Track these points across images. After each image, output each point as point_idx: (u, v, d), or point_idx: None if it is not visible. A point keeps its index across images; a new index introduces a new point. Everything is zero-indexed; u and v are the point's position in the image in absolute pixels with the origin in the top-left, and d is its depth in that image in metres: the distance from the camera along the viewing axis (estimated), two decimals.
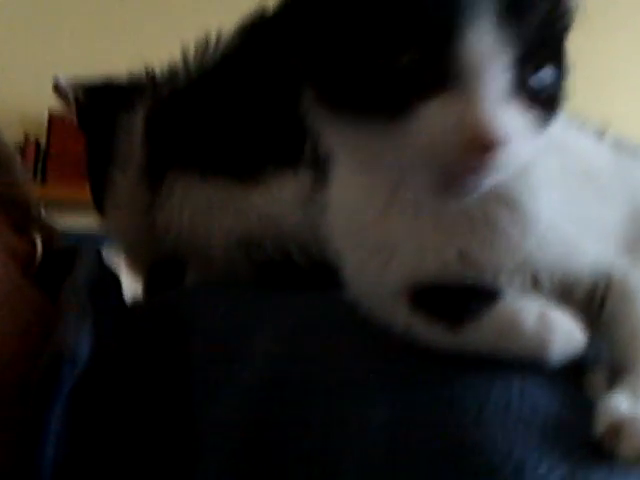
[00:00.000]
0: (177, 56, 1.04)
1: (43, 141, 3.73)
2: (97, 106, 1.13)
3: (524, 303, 0.64)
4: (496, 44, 0.57)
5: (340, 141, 0.66)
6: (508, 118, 0.58)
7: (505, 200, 0.65)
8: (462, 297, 0.66)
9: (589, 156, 0.75)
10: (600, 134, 0.80)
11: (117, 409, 0.80)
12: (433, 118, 0.57)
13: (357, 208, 0.70)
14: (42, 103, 3.44)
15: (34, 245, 0.91)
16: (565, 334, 0.63)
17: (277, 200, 0.90)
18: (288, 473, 0.67)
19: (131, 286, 1.07)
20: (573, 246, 0.68)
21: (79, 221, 3.22)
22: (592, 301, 0.68)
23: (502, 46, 0.57)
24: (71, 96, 1.14)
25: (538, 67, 0.60)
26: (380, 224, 0.68)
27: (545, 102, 0.61)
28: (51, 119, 3.69)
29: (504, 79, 0.58)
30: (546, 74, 0.61)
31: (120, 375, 0.81)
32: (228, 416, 0.72)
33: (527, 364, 0.64)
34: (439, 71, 0.57)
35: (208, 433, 0.74)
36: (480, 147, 0.57)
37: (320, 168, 0.86)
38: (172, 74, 1.04)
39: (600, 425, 0.59)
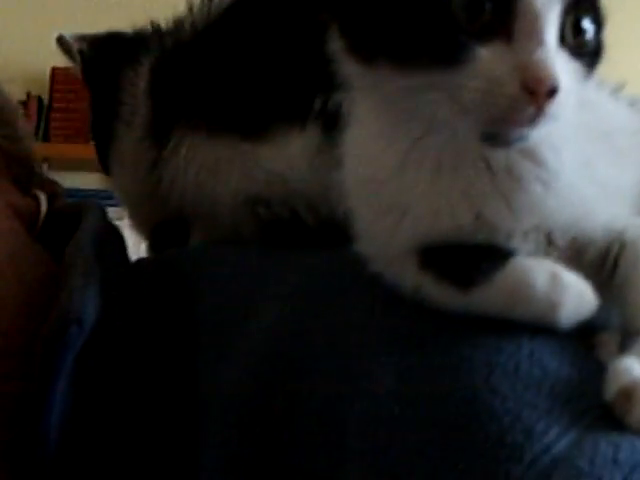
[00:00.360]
0: (180, 10, 1.03)
1: (45, 98, 3.71)
2: (102, 59, 1.12)
3: (535, 264, 0.64)
4: None
5: (370, 93, 0.66)
6: (561, 65, 0.58)
7: (529, 154, 0.64)
8: (473, 257, 0.65)
9: (607, 115, 0.74)
10: (616, 93, 0.78)
11: (123, 373, 0.79)
12: (491, 62, 0.57)
13: (373, 164, 0.69)
14: (44, 59, 3.42)
15: (38, 203, 0.90)
16: (576, 296, 0.63)
17: (284, 156, 0.89)
18: (294, 436, 0.67)
19: (135, 245, 1.06)
20: (589, 207, 0.67)
21: (82, 179, 3.23)
22: (605, 263, 0.67)
23: None
24: (75, 49, 1.13)
25: (578, 18, 0.61)
26: (395, 181, 0.67)
27: (585, 54, 0.62)
28: (54, 75, 3.67)
29: (557, 27, 0.59)
30: (586, 26, 0.61)
31: (126, 339, 0.81)
32: (234, 377, 0.72)
33: (537, 326, 0.63)
34: (497, 14, 0.58)
35: (215, 394, 0.74)
36: (539, 90, 0.57)
37: (330, 123, 0.85)
38: (177, 26, 1.02)
39: (611, 390, 0.58)
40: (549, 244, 0.66)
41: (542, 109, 0.57)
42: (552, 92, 0.57)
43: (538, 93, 0.57)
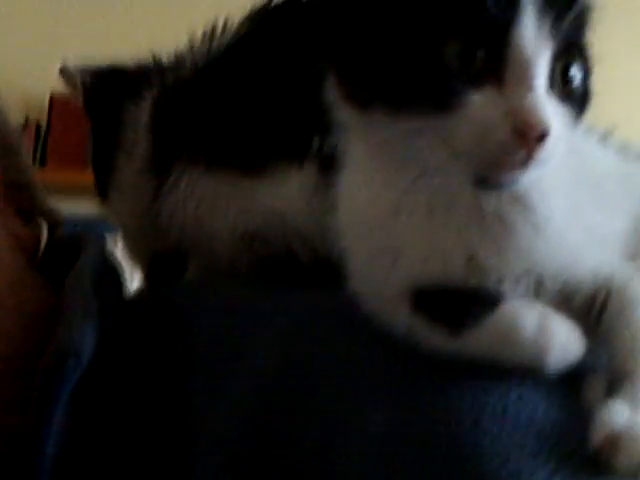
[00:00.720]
0: (183, 41, 1.04)
1: (44, 123, 3.72)
2: (104, 91, 1.13)
3: (524, 309, 0.65)
4: (541, 38, 0.60)
5: (365, 137, 0.67)
6: (551, 111, 0.60)
7: (520, 200, 0.66)
8: (464, 301, 0.67)
9: (596, 162, 0.75)
10: (605, 138, 0.80)
11: (118, 407, 0.79)
12: (483, 107, 0.59)
13: (367, 206, 0.70)
14: (43, 85, 3.44)
15: (39, 231, 0.90)
16: (564, 341, 0.64)
17: (282, 194, 0.90)
18: (287, 472, 0.67)
19: (131, 275, 1.07)
20: (578, 252, 0.68)
21: (78, 206, 3.23)
22: (592, 308, 0.68)
23: (545, 40, 0.60)
24: (78, 80, 1.14)
25: (568, 65, 0.63)
26: (389, 224, 0.68)
27: (574, 100, 0.63)
28: (52, 101, 3.68)
29: (546, 73, 0.60)
30: (574, 72, 0.63)
31: (122, 372, 0.81)
32: (229, 414, 0.73)
33: (526, 370, 0.64)
34: (489, 61, 0.59)
35: (208, 431, 0.74)
36: (530, 135, 0.58)
37: (327, 163, 0.86)
38: (179, 61, 1.03)
39: (597, 435, 0.59)
40: (539, 288, 0.67)
41: (532, 153, 0.59)
42: (542, 137, 0.58)
43: (529, 138, 0.58)
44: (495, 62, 0.60)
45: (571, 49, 0.63)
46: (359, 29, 0.63)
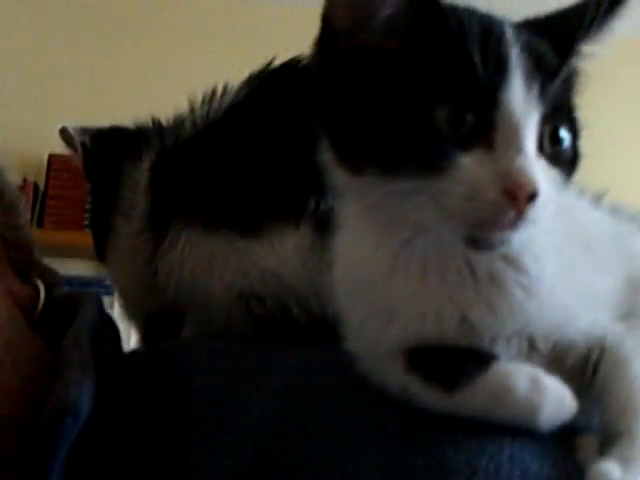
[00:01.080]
0: (181, 106, 1.05)
1: (42, 184, 3.73)
2: (103, 152, 1.14)
3: (516, 368, 0.65)
4: (529, 101, 0.61)
5: (358, 200, 0.68)
6: (540, 172, 0.61)
7: (511, 261, 0.67)
8: (457, 360, 0.67)
9: (588, 222, 0.76)
10: (598, 199, 0.81)
11: (115, 465, 0.79)
12: (473, 169, 0.60)
13: (361, 267, 0.71)
14: (42, 145, 3.45)
15: (37, 291, 0.91)
16: (557, 400, 0.64)
17: (278, 254, 0.91)
18: None
19: (128, 335, 1.07)
20: (570, 313, 0.69)
21: (75, 266, 3.24)
22: (585, 368, 0.68)
23: (533, 104, 0.62)
24: (77, 141, 1.15)
25: (556, 128, 0.64)
26: (384, 284, 0.69)
27: (563, 162, 0.65)
28: (50, 162, 3.69)
29: (535, 135, 0.62)
30: (563, 135, 0.65)
31: (119, 430, 0.81)
32: (224, 473, 0.73)
33: (518, 429, 0.64)
34: (478, 124, 0.61)
35: None
36: (520, 195, 0.59)
37: (323, 224, 0.87)
38: (178, 123, 1.05)
39: None
40: (531, 348, 0.68)
41: (523, 214, 0.60)
42: (532, 197, 0.59)
43: (519, 198, 0.59)
44: (484, 125, 0.61)
45: (559, 112, 0.65)
46: (350, 95, 0.64)
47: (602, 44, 0.68)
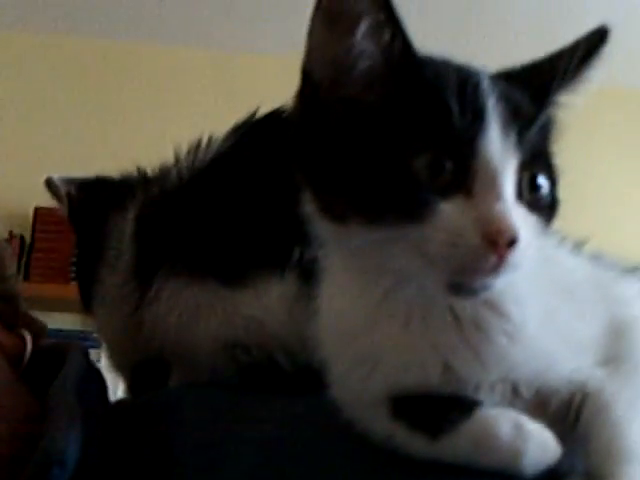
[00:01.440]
0: (166, 156, 1.06)
1: (28, 237, 3.73)
2: (89, 203, 1.15)
3: (499, 414, 0.66)
4: (507, 149, 0.63)
5: (341, 248, 0.69)
6: (519, 218, 0.62)
7: (495, 307, 0.68)
8: (441, 407, 0.68)
9: (569, 269, 0.77)
10: (578, 247, 0.82)
11: None
12: (452, 216, 0.61)
13: (345, 316, 0.72)
14: (27, 199, 3.46)
15: (24, 341, 0.91)
16: (540, 445, 0.65)
17: (263, 303, 0.92)
18: None
19: (115, 386, 1.07)
20: (553, 359, 0.69)
21: (61, 319, 3.22)
22: (568, 413, 0.69)
23: (511, 151, 0.63)
24: (63, 192, 1.16)
25: (534, 175, 0.65)
26: (367, 334, 0.70)
27: (542, 208, 0.66)
28: (36, 215, 3.70)
29: (514, 183, 0.63)
30: (541, 182, 0.66)
31: None
32: None
33: (503, 473, 0.64)
34: (457, 172, 0.62)
35: None
36: (500, 241, 0.60)
37: (307, 273, 0.87)
38: (163, 174, 1.06)
39: None
40: (515, 395, 0.69)
41: (503, 259, 0.61)
42: (512, 243, 0.60)
43: (499, 244, 0.60)
44: (463, 173, 0.62)
45: (538, 159, 0.66)
46: (331, 145, 0.65)
47: (577, 94, 0.70)
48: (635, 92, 4.26)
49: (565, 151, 0.70)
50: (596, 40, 0.70)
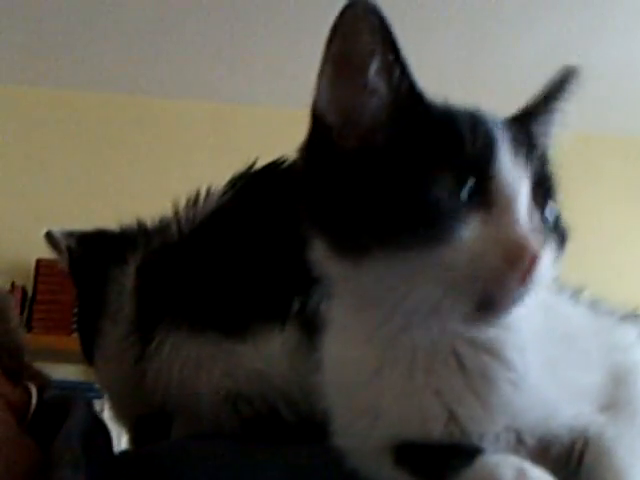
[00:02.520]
0: (165, 207, 1.06)
1: (30, 288, 3.73)
2: (89, 256, 1.15)
3: (502, 460, 0.66)
4: (518, 173, 0.65)
5: (353, 290, 0.70)
6: (537, 237, 0.64)
7: (498, 356, 0.69)
8: (444, 454, 0.68)
9: (569, 318, 0.78)
10: (577, 294, 0.83)
11: None
12: (474, 238, 0.63)
13: (349, 366, 0.72)
14: (29, 250, 3.46)
15: (28, 394, 0.91)
16: None
17: (265, 355, 0.92)
18: None
19: (118, 438, 1.06)
20: (554, 406, 0.70)
21: (63, 371, 3.22)
22: (570, 457, 0.69)
23: (522, 175, 0.66)
24: (63, 245, 1.16)
25: (544, 201, 0.68)
26: (370, 383, 0.70)
27: (553, 233, 0.68)
28: (38, 267, 3.70)
29: (528, 204, 0.65)
30: (551, 209, 0.68)
31: None
32: None
33: None
34: (475, 193, 0.64)
35: None
36: (523, 261, 0.62)
37: (308, 324, 0.88)
38: (163, 226, 1.06)
39: None
40: (519, 442, 0.69)
41: (526, 277, 0.63)
42: (534, 260, 0.62)
43: (521, 263, 0.62)
44: (481, 194, 0.64)
45: (544, 188, 0.68)
46: (349, 183, 0.67)
47: (554, 124, 0.74)
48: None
49: (569, 198, 0.72)
50: (562, 78, 0.74)
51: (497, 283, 0.63)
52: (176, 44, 3.70)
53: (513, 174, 0.65)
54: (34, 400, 0.91)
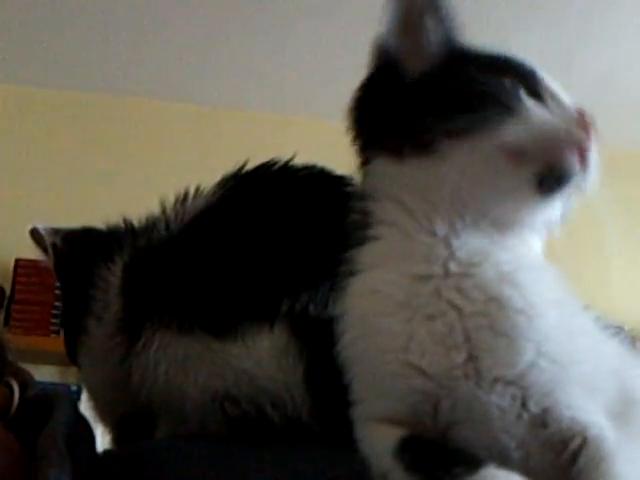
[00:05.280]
0: (152, 207, 1.06)
1: (8, 288, 3.71)
2: (75, 254, 1.14)
3: (504, 476, 0.66)
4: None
5: (402, 189, 0.77)
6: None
7: (514, 283, 0.71)
8: (445, 459, 0.68)
9: (584, 319, 0.78)
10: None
11: None
12: (539, 109, 0.75)
13: (381, 297, 0.74)
14: (8, 250, 3.44)
15: (11, 391, 0.90)
16: None
17: (253, 355, 0.91)
18: None
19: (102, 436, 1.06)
20: (565, 383, 0.70)
21: (41, 372, 3.20)
22: (564, 450, 0.69)
23: None
24: (48, 242, 1.15)
25: None
26: (396, 324, 0.72)
27: None
28: (17, 267, 3.68)
29: None
30: None
31: None
32: None
33: None
34: (532, 89, 0.77)
35: None
36: (589, 126, 0.73)
37: (297, 324, 0.87)
38: (150, 225, 1.06)
39: None
40: (523, 406, 0.69)
41: (585, 156, 0.73)
42: (593, 138, 0.73)
43: (589, 128, 0.73)
44: (536, 91, 0.76)
45: None
46: (421, 99, 0.78)
47: None
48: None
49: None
50: None
51: (566, 140, 0.72)
52: (161, 46, 3.70)
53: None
54: (16, 397, 0.90)
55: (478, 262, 0.72)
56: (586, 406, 0.70)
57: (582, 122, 0.74)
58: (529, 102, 0.75)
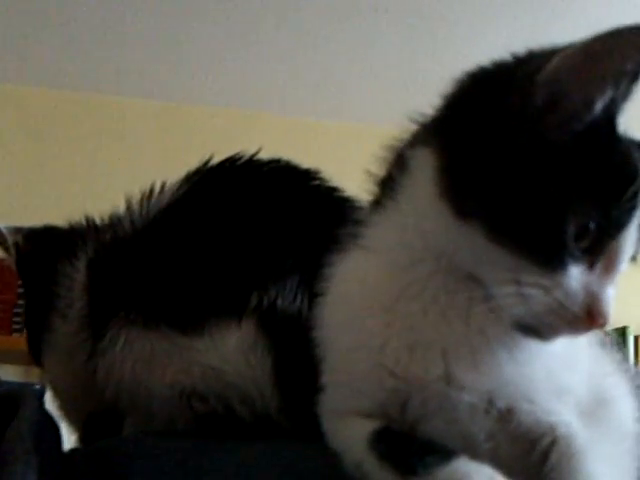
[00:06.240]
0: (114, 205, 1.05)
1: None
2: (37, 252, 1.13)
3: (476, 468, 0.66)
4: (632, 244, 0.70)
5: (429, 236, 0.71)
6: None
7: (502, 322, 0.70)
8: (418, 448, 0.68)
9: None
10: None
11: None
12: (574, 280, 0.67)
13: (367, 292, 0.73)
14: None
15: None
16: None
17: (220, 352, 0.90)
18: None
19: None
20: (535, 387, 0.70)
21: (2, 371, 3.18)
22: (532, 449, 0.69)
23: (632, 247, 0.70)
24: (10, 242, 1.14)
25: None
26: (388, 311, 0.71)
27: None
28: None
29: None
30: None
31: None
32: None
33: None
34: (595, 243, 0.67)
35: None
36: (597, 320, 0.67)
37: (265, 320, 0.87)
38: (115, 221, 1.05)
39: None
40: (489, 403, 0.69)
41: (588, 331, 0.68)
42: (602, 325, 0.67)
43: (596, 321, 0.67)
44: (599, 246, 0.67)
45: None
46: (510, 159, 0.67)
47: None
48: None
49: None
50: None
51: (567, 324, 0.67)
52: (123, 42, 3.68)
53: (630, 244, 0.69)
54: None
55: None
56: (553, 407, 0.71)
57: (594, 312, 0.67)
58: (574, 270, 0.67)
